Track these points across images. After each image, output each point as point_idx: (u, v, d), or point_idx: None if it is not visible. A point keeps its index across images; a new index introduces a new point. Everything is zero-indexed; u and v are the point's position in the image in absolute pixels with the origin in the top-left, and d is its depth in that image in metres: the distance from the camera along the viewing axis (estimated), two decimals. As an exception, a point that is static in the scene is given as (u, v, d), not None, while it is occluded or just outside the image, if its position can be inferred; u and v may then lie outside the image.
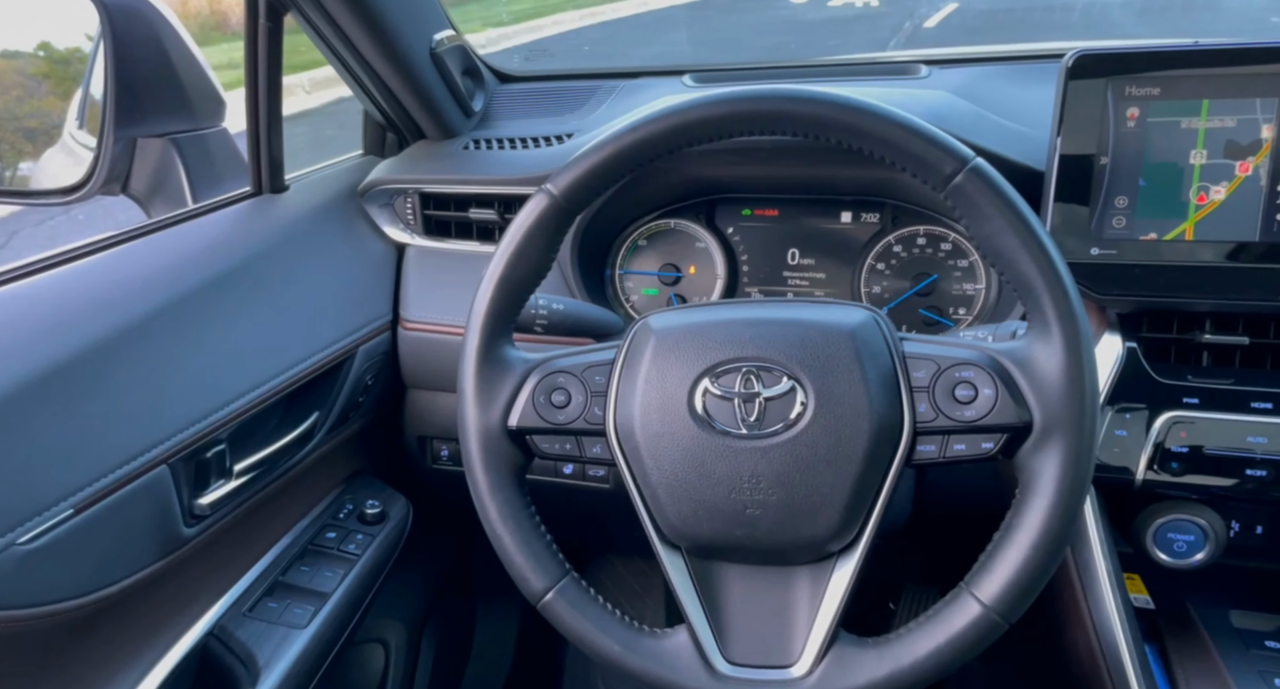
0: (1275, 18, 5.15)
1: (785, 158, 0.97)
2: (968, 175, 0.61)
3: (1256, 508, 0.90)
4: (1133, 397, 0.80)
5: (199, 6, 5.51)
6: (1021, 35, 5.49)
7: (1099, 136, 0.80)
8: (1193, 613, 0.84)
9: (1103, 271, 0.82)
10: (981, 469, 0.61)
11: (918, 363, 0.64)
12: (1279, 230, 0.78)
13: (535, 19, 6.89)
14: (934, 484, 0.97)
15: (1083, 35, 5.01)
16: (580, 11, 7.34)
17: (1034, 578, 0.60)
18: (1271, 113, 0.77)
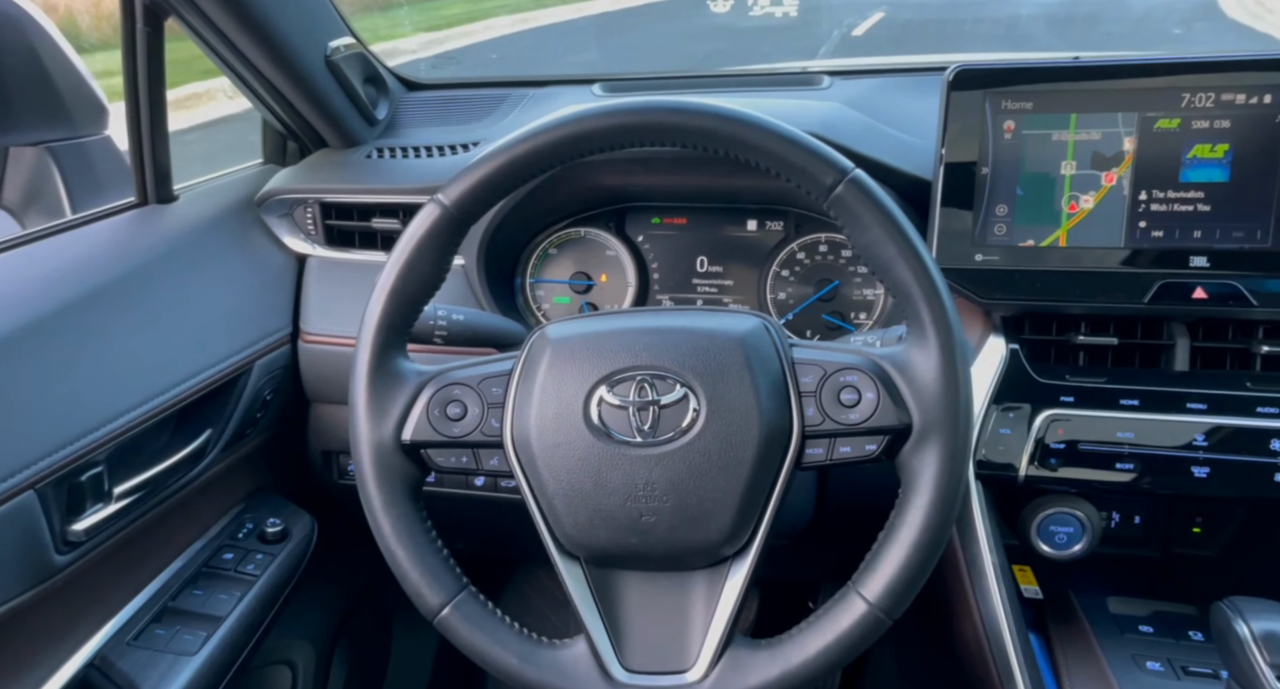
0: (1177, 29, 5.45)
1: (691, 167, 0.98)
2: (847, 186, 0.63)
3: (1132, 500, 0.96)
4: (1015, 396, 0.84)
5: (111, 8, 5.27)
6: (943, 45, 5.69)
7: (980, 147, 0.84)
8: (1075, 601, 0.88)
9: (986, 277, 0.85)
10: (884, 468, 0.63)
11: (806, 368, 0.65)
12: (1140, 237, 0.83)
13: (468, 24, 6.81)
14: (839, 484, 1.00)
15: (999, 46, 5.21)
16: (515, 17, 7.28)
17: (915, 574, 0.62)
18: (1132, 126, 0.82)
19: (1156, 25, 5.70)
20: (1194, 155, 0.81)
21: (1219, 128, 0.80)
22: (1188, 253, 0.82)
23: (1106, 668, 0.79)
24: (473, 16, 7.14)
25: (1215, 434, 0.78)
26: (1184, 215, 0.81)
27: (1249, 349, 0.82)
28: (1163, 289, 0.81)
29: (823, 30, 6.35)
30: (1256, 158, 0.79)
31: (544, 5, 7.80)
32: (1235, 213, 0.80)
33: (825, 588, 1.36)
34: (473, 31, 6.72)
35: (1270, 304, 0.79)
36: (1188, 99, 0.80)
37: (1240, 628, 0.66)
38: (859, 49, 5.81)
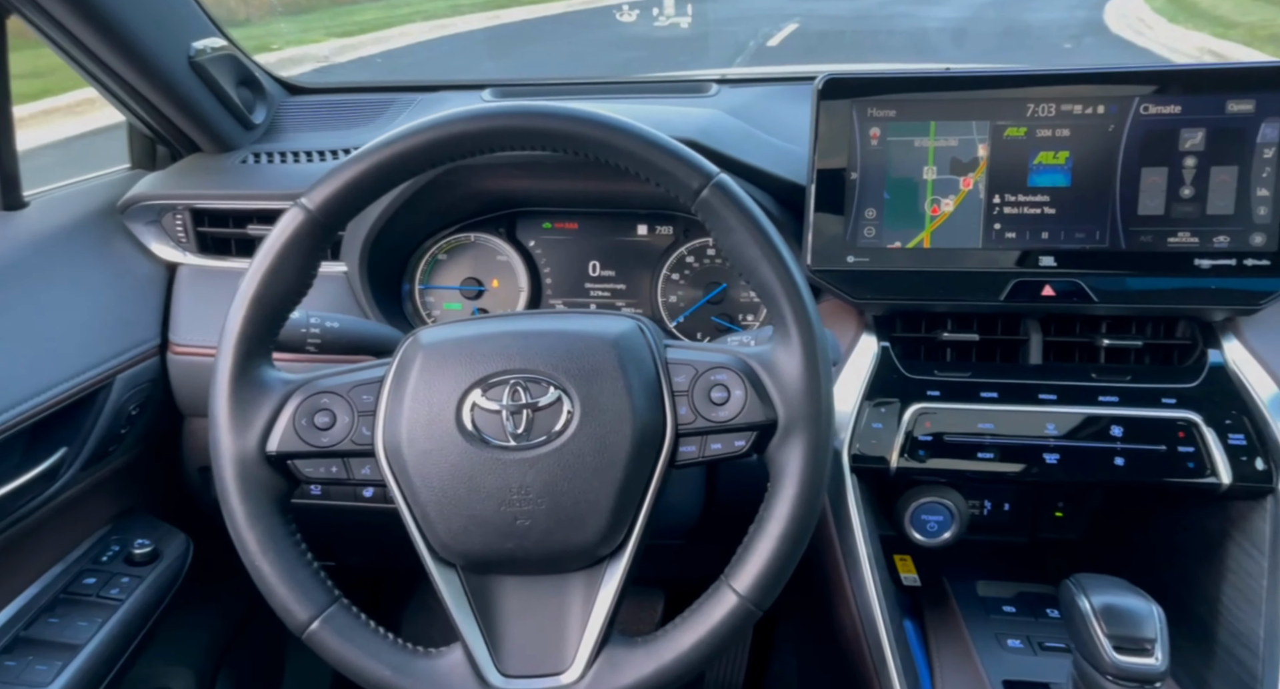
0: (1067, 44, 5.79)
1: (580, 173, 0.99)
2: (712, 190, 0.64)
3: (999, 488, 1.01)
4: (887, 391, 0.87)
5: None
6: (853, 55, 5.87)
7: (849, 153, 0.87)
8: (947, 587, 0.92)
9: (857, 278, 0.89)
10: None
11: (679, 368, 0.67)
12: (996, 238, 0.87)
13: (382, 30, 6.68)
14: (728, 482, 1.02)
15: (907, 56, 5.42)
16: (431, 23, 7.18)
17: (783, 564, 0.64)
18: (985, 134, 0.86)
19: (1049, 40, 6.05)
20: (1039, 161, 0.86)
21: (1060, 136, 0.85)
22: (1038, 253, 0.87)
23: (972, 647, 0.83)
24: (388, 22, 7.02)
25: (1064, 422, 0.84)
26: (1033, 218, 0.87)
27: (1093, 343, 0.88)
28: (1016, 287, 0.86)
29: (740, 40, 6.49)
30: (1094, 164, 0.85)
31: (460, 12, 7.72)
32: (1077, 215, 0.86)
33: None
34: (388, 38, 6.59)
35: (1109, 300, 0.85)
36: (1032, 109, 0.85)
37: (1083, 603, 0.71)
38: (773, 58, 5.96)
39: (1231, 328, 0.85)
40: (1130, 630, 0.68)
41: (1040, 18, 6.86)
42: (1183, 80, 0.82)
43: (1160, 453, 0.81)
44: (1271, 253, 0.82)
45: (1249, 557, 0.80)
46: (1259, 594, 0.77)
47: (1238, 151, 0.82)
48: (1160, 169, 0.84)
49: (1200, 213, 0.83)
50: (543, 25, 7.79)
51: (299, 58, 5.30)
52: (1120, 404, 0.83)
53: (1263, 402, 0.81)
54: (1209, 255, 0.83)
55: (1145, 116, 0.83)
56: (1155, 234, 0.85)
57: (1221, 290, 0.82)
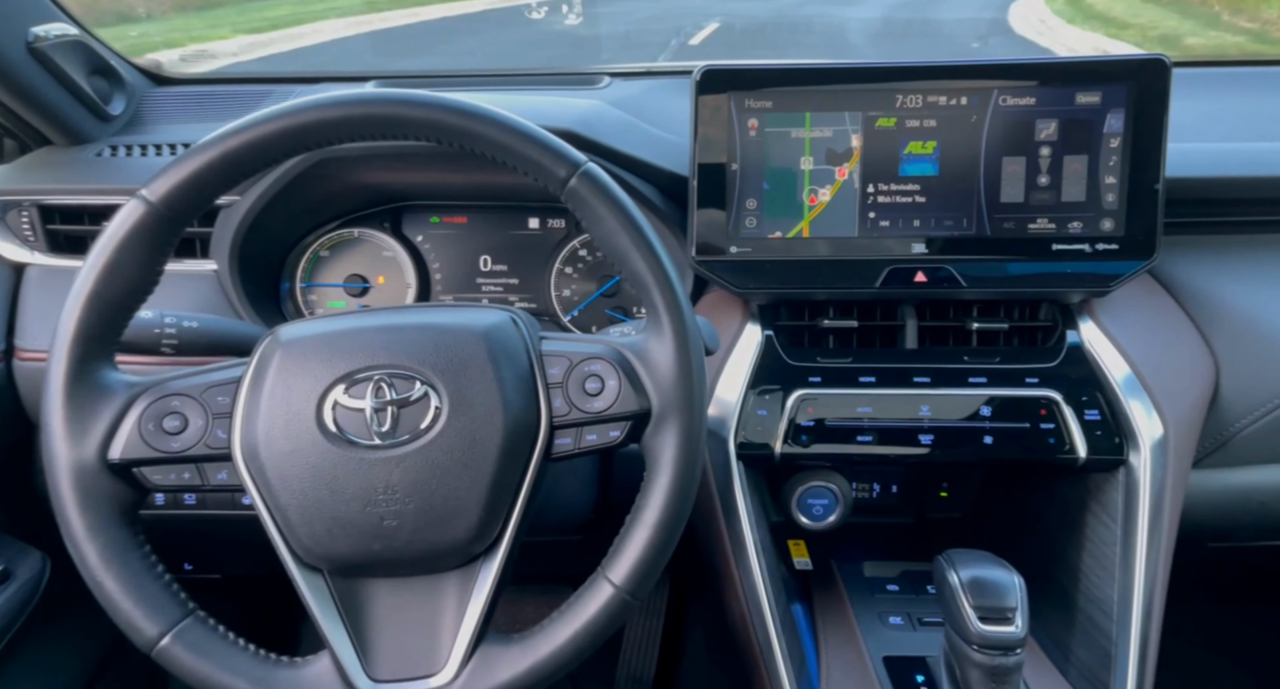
0: (975, 44, 6.03)
1: (466, 165, 0.98)
2: (580, 179, 0.64)
3: (888, 470, 1.04)
4: (770, 379, 0.89)
5: None
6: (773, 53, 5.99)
7: (728, 145, 0.88)
8: (835, 569, 0.94)
9: (740, 268, 0.90)
10: None
11: (553, 360, 0.66)
12: (871, 227, 0.90)
13: (295, 27, 6.47)
14: (623, 474, 1.02)
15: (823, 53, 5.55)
16: (346, 20, 6.99)
17: (658, 553, 0.64)
18: (857, 124, 0.89)
19: (959, 40, 6.29)
20: (909, 151, 0.89)
21: (928, 126, 0.88)
22: (910, 240, 0.89)
23: (856, 627, 0.85)
24: (299, 19, 6.80)
25: (937, 404, 0.86)
26: (905, 206, 0.89)
27: (964, 326, 0.91)
28: (891, 274, 0.89)
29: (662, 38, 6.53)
30: (959, 153, 0.88)
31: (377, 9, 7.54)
32: (945, 203, 0.89)
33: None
34: (300, 34, 6.39)
35: (976, 285, 0.88)
36: (901, 100, 0.88)
37: (952, 578, 0.73)
38: (695, 56, 6.04)
39: (1087, 309, 0.90)
40: (994, 601, 0.71)
41: (950, 17, 7.13)
42: (1035, 73, 0.85)
43: (1024, 430, 0.85)
44: (1120, 238, 0.86)
45: (1104, 526, 0.84)
46: (1113, 561, 0.82)
47: (1087, 141, 0.86)
48: (1019, 158, 0.87)
49: (1056, 200, 0.87)
50: (464, 23, 7.68)
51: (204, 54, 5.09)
52: (988, 385, 0.87)
53: (1114, 379, 0.85)
54: (1064, 240, 0.87)
55: (1004, 108, 0.87)
56: (1016, 221, 0.88)
57: (1076, 274, 0.87)
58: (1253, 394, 0.88)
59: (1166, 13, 6.49)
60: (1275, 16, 5.60)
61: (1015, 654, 0.71)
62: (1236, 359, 0.88)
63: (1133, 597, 0.79)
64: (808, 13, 7.50)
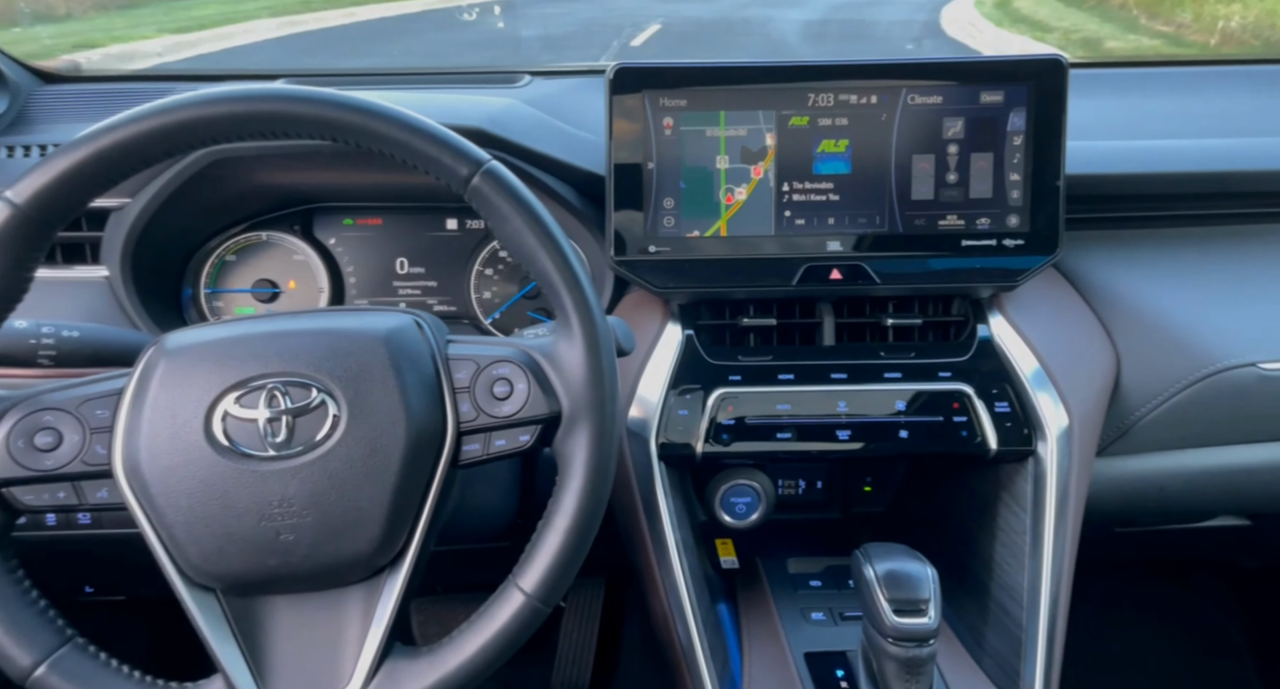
0: (909, 46, 6.18)
1: (378, 164, 0.95)
2: (483, 177, 0.63)
3: (814, 467, 1.05)
4: (692, 378, 0.88)
5: None
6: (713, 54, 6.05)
7: (644, 144, 0.88)
8: (760, 567, 0.94)
9: (659, 267, 0.89)
10: None
11: (460, 363, 0.65)
12: (787, 225, 0.90)
13: (225, 26, 6.27)
14: (547, 477, 1.00)
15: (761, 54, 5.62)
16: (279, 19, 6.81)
17: (570, 559, 0.63)
18: (771, 123, 0.89)
19: (894, 41, 6.44)
20: (822, 150, 0.90)
21: (839, 125, 0.89)
22: (825, 238, 0.90)
23: (779, 624, 0.86)
24: (229, 18, 6.60)
25: (854, 400, 0.87)
26: (819, 204, 0.90)
27: (880, 322, 0.92)
28: (807, 272, 0.89)
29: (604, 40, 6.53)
30: (871, 151, 0.89)
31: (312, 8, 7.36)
32: (859, 201, 0.90)
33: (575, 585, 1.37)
34: (230, 34, 6.20)
35: (890, 281, 0.89)
36: (813, 99, 0.88)
37: (867, 571, 0.74)
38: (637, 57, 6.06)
39: (997, 304, 0.92)
40: (908, 593, 0.72)
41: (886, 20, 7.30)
42: (941, 73, 0.87)
43: (938, 423, 0.87)
44: (1025, 233, 0.88)
45: (1015, 515, 0.86)
46: (1023, 549, 0.83)
47: (992, 139, 0.88)
48: (929, 156, 0.89)
49: (964, 197, 0.89)
50: (403, 23, 7.55)
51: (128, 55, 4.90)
52: (903, 380, 0.88)
53: (1022, 372, 0.87)
54: (973, 236, 0.89)
55: (912, 106, 0.88)
56: (927, 217, 0.90)
57: (985, 269, 0.88)
58: (1150, 383, 0.91)
59: (1089, 17, 6.75)
60: (1189, 20, 5.87)
61: (928, 645, 0.72)
62: (1135, 350, 0.91)
63: (1041, 583, 0.81)
64: (748, 14, 7.59)
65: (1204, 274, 0.94)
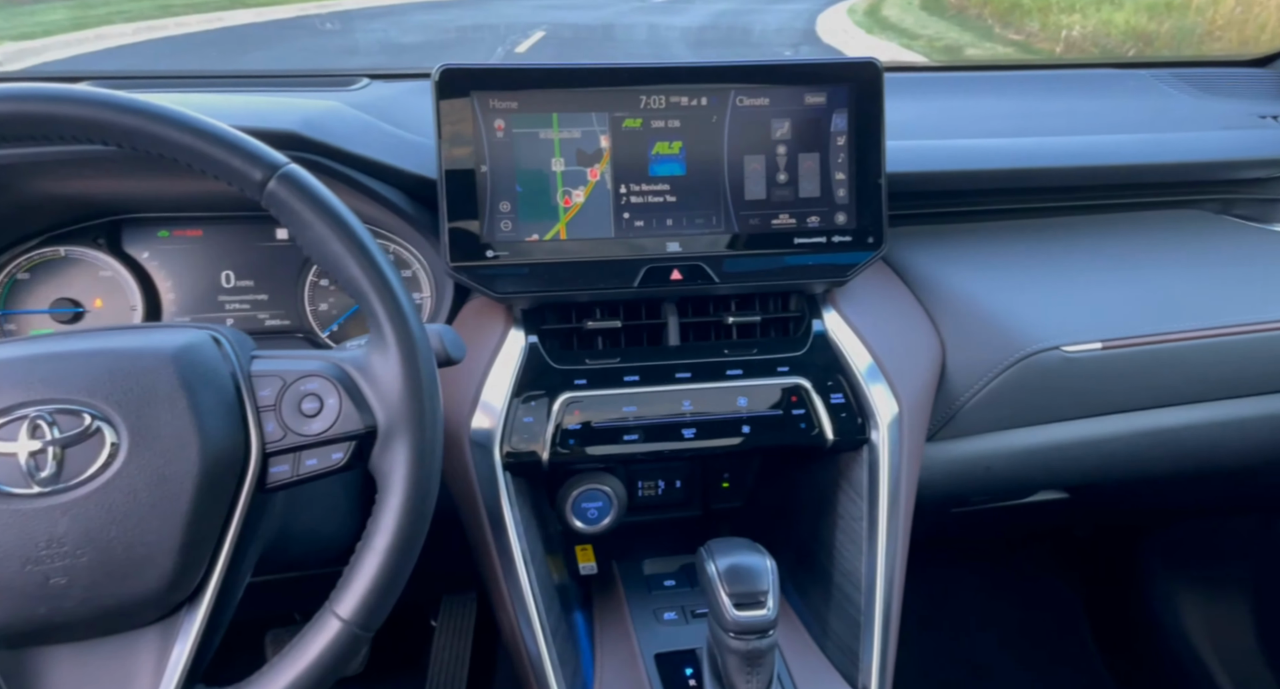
0: (787, 52, 6.40)
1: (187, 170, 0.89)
2: (280, 182, 0.60)
3: (672, 466, 1.05)
4: (536, 385, 0.87)
5: None
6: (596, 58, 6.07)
7: (476, 147, 0.86)
8: (615, 570, 0.94)
9: (498, 273, 0.87)
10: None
11: (264, 380, 0.61)
12: (626, 227, 0.90)
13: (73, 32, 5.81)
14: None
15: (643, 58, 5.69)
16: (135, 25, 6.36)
17: (390, 580, 0.60)
18: (605, 125, 0.89)
19: (772, 47, 6.66)
20: (657, 152, 0.90)
21: (672, 127, 0.90)
22: (664, 239, 0.91)
23: (630, 627, 0.85)
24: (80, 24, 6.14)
25: (697, 398, 0.88)
26: (657, 206, 0.90)
27: (723, 321, 0.94)
28: (649, 273, 0.89)
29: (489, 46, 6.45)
30: (705, 153, 0.90)
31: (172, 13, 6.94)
32: (695, 202, 0.91)
33: (446, 602, 1.34)
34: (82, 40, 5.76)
35: (729, 280, 0.90)
36: (645, 101, 0.89)
37: (709, 567, 0.74)
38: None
39: (830, 299, 0.95)
40: (747, 586, 0.73)
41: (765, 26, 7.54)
42: (766, 75, 0.89)
43: (778, 417, 0.88)
44: (853, 230, 0.92)
45: (852, 502, 0.89)
46: (861, 536, 0.86)
47: (818, 140, 0.91)
48: (759, 156, 0.91)
49: (794, 196, 0.92)
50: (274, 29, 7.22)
51: (-42, 61, 4.47)
52: (744, 376, 0.89)
53: (854, 363, 0.90)
54: (804, 234, 0.92)
55: (741, 108, 0.90)
56: (761, 217, 0.92)
57: (817, 265, 0.91)
58: (973, 369, 0.96)
59: (949, 25, 7.18)
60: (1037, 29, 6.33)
61: (768, 636, 0.73)
62: (959, 338, 0.96)
63: (877, 566, 0.84)
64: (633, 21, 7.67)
65: (1016, 264, 1.00)
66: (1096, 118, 1.09)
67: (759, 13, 8.37)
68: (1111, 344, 0.94)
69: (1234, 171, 1.04)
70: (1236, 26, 5.09)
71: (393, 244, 0.99)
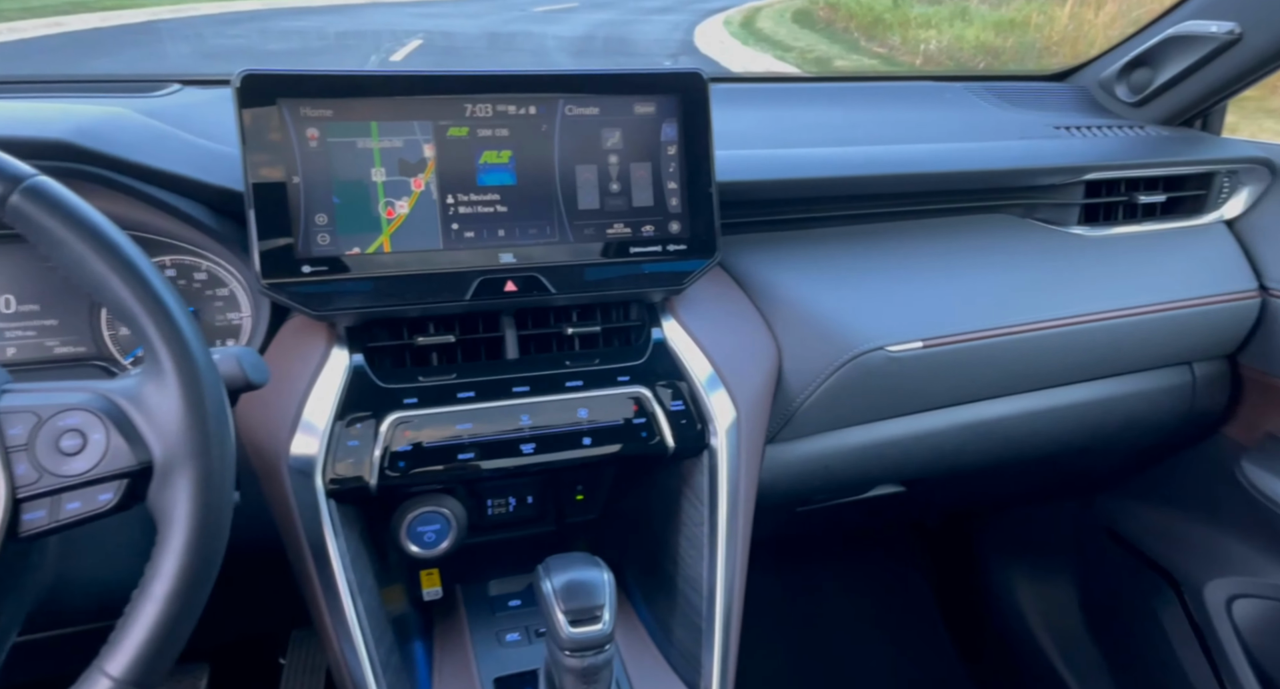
0: (667, 62, 6.51)
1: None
2: (24, 196, 0.54)
3: (521, 482, 1.03)
4: (362, 406, 0.83)
5: None
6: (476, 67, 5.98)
7: (287, 157, 0.81)
8: (458, 594, 0.90)
9: (316, 289, 0.83)
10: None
11: (15, 417, 0.55)
12: (455, 238, 0.87)
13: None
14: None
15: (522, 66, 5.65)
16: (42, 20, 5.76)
17: (170, 632, 0.55)
18: (429, 134, 0.86)
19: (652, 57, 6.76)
20: (485, 161, 0.88)
21: (500, 136, 0.88)
22: (497, 250, 0.88)
23: (471, 652, 0.82)
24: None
25: (536, 412, 0.86)
26: (488, 216, 0.88)
27: (562, 332, 0.92)
28: (482, 285, 0.87)
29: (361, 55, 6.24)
30: (535, 162, 0.88)
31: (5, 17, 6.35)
32: (528, 212, 0.89)
33: (294, 636, 1.26)
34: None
35: (566, 291, 0.89)
36: (470, 109, 0.86)
37: (545, 585, 0.72)
38: (396, 72, 5.85)
39: (669, 307, 0.95)
40: (583, 602, 0.71)
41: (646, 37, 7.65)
42: (594, 84, 0.89)
43: (619, 427, 0.88)
44: (686, 238, 0.92)
45: (695, 508, 0.89)
46: (702, 541, 0.87)
47: (649, 149, 0.91)
48: (591, 166, 0.90)
49: (628, 205, 0.91)
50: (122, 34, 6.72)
51: None
52: (585, 387, 0.88)
53: (693, 370, 0.91)
54: (639, 243, 0.91)
55: (570, 117, 0.89)
56: (595, 226, 0.91)
57: (653, 274, 0.91)
58: (807, 371, 0.98)
59: (820, 38, 7.50)
60: (899, 43, 6.70)
61: (604, 651, 0.72)
62: (793, 342, 0.98)
63: (717, 570, 0.84)
64: (514, 29, 7.61)
65: (845, 269, 1.04)
66: (916, 128, 1.15)
67: (639, 23, 8.49)
68: (931, 343, 0.98)
69: (1032, 178, 1.12)
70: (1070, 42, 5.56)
71: (205, 262, 0.93)
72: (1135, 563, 1.39)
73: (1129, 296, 1.11)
